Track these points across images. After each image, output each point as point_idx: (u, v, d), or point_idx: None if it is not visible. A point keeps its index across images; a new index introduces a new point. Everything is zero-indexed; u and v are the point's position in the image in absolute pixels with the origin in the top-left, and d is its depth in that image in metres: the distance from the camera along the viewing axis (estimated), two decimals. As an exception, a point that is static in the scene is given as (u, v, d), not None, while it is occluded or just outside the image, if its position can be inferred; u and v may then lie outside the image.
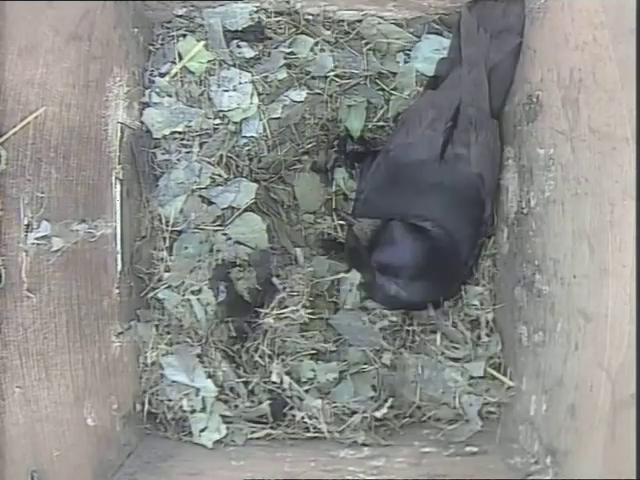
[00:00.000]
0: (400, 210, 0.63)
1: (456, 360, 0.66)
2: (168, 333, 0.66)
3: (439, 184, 0.64)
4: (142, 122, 0.69)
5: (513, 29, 0.63)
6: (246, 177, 0.70)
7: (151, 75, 0.70)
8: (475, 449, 0.63)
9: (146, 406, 0.66)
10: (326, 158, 0.72)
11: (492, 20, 0.64)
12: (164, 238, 0.69)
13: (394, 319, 0.68)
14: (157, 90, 0.69)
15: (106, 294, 0.61)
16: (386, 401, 0.65)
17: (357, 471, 0.59)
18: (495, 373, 0.66)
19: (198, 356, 0.65)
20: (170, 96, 0.69)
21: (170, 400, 0.66)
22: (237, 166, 0.71)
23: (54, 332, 0.52)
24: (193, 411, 0.65)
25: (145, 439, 0.66)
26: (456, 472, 0.59)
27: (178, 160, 0.70)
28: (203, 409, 0.65)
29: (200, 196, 0.70)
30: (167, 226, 0.69)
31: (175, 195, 0.70)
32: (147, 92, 0.69)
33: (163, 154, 0.70)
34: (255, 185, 0.69)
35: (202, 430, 0.65)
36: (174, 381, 0.66)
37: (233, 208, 0.70)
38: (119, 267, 0.63)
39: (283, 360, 0.66)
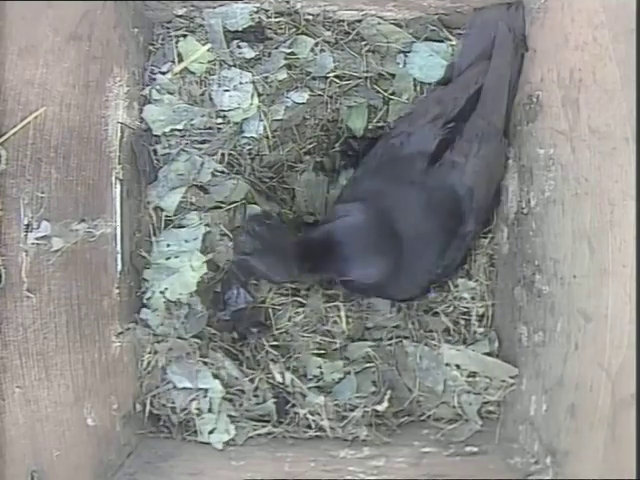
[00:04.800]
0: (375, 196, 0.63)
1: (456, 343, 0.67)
2: (166, 342, 0.66)
3: (423, 184, 0.63)
4: (142, 119, 0.69)
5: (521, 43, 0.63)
6: (249, 176, 0.70)
7: (152, 73, 0.70)
8: (475, 449, 0.63)
9: (147, 408, 0.66)
10: (332, 159, 0.72)
11: (516, 31, 0.63)
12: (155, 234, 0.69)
13: None
14: (157, 87, 0.69)
15: (106, 294, 0.61)
16: (385, 394, 0.65)
17: (357, 471, 0.59)
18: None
19: (202, 356, 0.65)
20: (171, 94, 0.69)
21: (173, 403, 0.66)
22: (239, 164, 0.71)
23: (54, 332, 0.52)
24: (200, 413, 0.65)
25: (145, 439, 0.66)
26: (456, 472, 0.59)
27: (178, 153, 0.70)
28: (210, 410, 0.65)
29: (199, 187, 0.70)
30: (163, 218, 0.69)
31: (174, 187, 0.69)
32: (147, 89, 0.69)
33: (164, 148, 0.70)
34: (247, 187, 0.69)
35: (211, 432, 0.64)
36: (183, 387, 0.65)
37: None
38: (119, 267, 0.63)
39: (289, 357, 0.67)
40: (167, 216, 0.70)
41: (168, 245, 0.68)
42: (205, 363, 0.65)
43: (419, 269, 0.64)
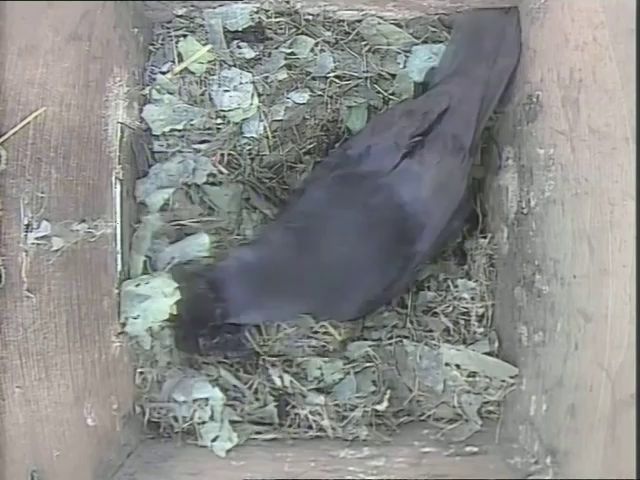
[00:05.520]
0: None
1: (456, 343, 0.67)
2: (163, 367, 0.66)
3: (367, 201, 0.59)
4: (142, 119, 0.69)
5: (509, 54, 0.62)
6: (248, 176, 0.70)
7: (152, 73, 0.70)
8: (475, 449, 0.63)
9: (147, 417, 0.66)
10: None
11: (495, 41, 0.62)
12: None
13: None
14: (157, 87, 0.69)
15: (106, 294, 0.61)
16: (385, 394, 0.65)
17: (357, 471, 0.59)
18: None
19: (197, 369, 0.65)
20: (171, 94, 0.69)
21: (175, 414, 0.66)
22: (239, 165, 0.71)
23: (54, 332, 0.52)
24: (202, 422, 0.65)
25: (145, 439, 0.66)
26: (456, 472, 0.59)
27: (174, 154, 0.69)
28: (212, 418, 0.64)
29: (186, 192, 0.69)
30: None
31: (162, 186, 0.68)
32: (147, 89, 0.69)
33: (161, 146, 0.70)
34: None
35: (213, 440, 0.64)
36: (183, 401, 0.65)
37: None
38: (119, 267, 0.63)
39: (291, 361, 0.67)
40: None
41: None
42: (201, 375, 0.65)
43: (353, 290, 0.62)
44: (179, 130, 0.70)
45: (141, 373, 0.66)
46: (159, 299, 0.63)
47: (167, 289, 0.63)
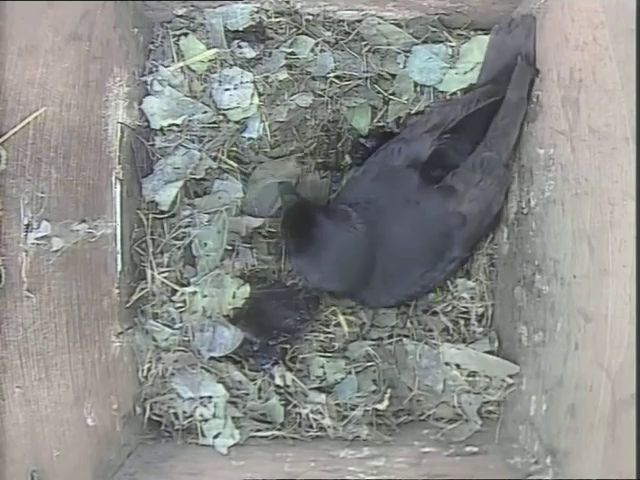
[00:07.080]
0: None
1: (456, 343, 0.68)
2: (167, 350, 0.66)
3: (418, 204, 0.63)
4: (142, 113, 0.68)
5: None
6: (248, 175, 0.70)
7: (152, 65, 0.69)
8: (475, 449, 0.63)
9: (147, 414, 0.66)
10: (337, 157, 0.72)
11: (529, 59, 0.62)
12: (153, 239, 0.68)
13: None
14: (159, 78, 0.69)
15: (106, 294, 0.61)
16: (386, 393, 0.65)
17: (357, 471, 0.59)
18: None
19: (203, 366, 0.65)
20: (172, 86, 0.69)
21: (176, 410, 0.66)
22: (241, 163, 0.71)
23: (54, 332, 0.52)
24: (205, 420, 0.65)
25: (145, 439, 0.66)
26: (456, 472, 0.59)
27: (177, 147, 0.69)
28: (215, 415, 0.64)
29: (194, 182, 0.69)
30: (161, 215, 0.68)
31: (169, 181, 0.68)
32: (149, 78, 0.68)
33: (162, 142, 0.69)
34: (240, 185, 0.69)
35: (215, 436, 0.64)
36: (189, 397, 0.65)
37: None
38: (119, 267, 0.63)
39: (295, 357, 0.67)
40: (162, 211, 0.69)
41: (205, 244, 0.68)
42: (209, 371, 0.65)
43: (399, 284, 0.65)
44: (178, 125, 0.69)
45: (148, 369, 0.66)
46: (228, 295, 0.66)
47: (240, 291, 0.66)
